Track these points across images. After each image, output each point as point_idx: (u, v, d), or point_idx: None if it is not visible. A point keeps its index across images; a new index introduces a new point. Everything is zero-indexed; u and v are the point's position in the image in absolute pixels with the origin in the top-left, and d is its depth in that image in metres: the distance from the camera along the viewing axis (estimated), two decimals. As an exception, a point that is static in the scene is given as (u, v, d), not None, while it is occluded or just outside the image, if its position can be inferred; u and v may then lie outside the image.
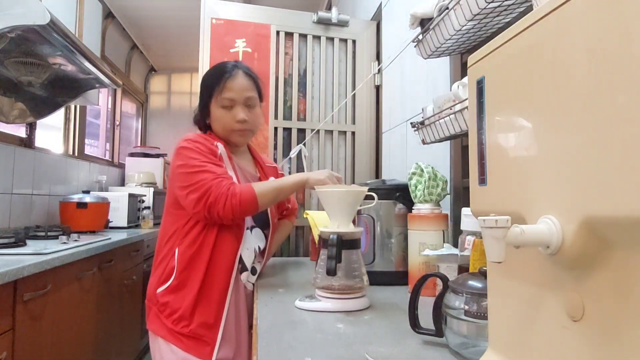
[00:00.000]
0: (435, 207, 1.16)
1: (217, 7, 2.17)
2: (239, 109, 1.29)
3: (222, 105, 1.28)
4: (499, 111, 0.51)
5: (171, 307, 1.20)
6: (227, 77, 1.28)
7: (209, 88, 1.30)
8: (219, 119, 1.30)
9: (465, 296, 0.66)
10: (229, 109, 1.29)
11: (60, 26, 1.85)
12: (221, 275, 1.21)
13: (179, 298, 1.20)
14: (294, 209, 1.61)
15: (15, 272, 1.36)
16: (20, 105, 2.36)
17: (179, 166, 1.22)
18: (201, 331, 1.18)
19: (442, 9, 1.10)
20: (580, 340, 0.40)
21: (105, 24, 3.66)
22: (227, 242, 1.23)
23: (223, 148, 1.27)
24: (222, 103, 1.28)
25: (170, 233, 1.25)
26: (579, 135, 0.38)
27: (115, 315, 2.38)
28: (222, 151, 1.27)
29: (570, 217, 0.39)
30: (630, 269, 0.35)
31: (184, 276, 1.20)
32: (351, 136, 2.35)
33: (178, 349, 1.17)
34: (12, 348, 1.40)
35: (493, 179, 0.52)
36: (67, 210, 2.55)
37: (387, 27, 2.25)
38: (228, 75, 1.28)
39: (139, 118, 5.04)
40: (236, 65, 1.32)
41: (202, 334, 1.18)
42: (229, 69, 1.30)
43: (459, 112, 1.06)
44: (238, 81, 1.29)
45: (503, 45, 0.50)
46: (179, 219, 1.24)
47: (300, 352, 0.70)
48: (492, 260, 0.42)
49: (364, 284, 1.01)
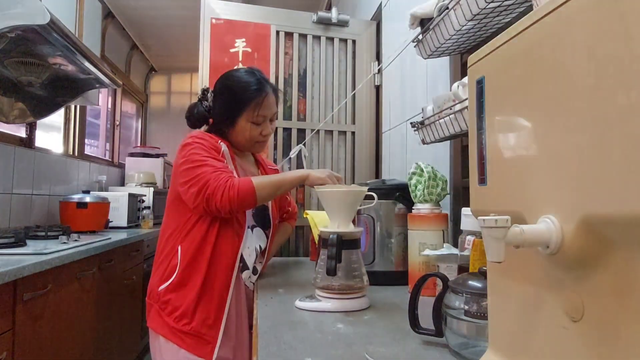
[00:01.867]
0: (435, 207, 1.16)
1: (217, 7, 2.17)
2: (267, 124, 1.33)
3: (255, 122, 1.30)
4: (499, 111, 0.51)
5: (172, 304, 1.20)
6: (264, 96, 1.29)
7: (242, 102, 1.29)
8: (245, 132, 1.30)
9: (465, 296, 0.66)
10: (257, 125, 1.31)
11: (60, 26, 1.85)
12: (222, 274, 1.22)
13: (180, 296, 1.20)
14: (293, 213, 1.62)
15: (15, 272, 1.36)
16: (20, 105, 2.36)
17: (181, 163, 1.22)
18: (202, 329, 1.18)
19: (442, 9, 1.10)
20: (580, 340, 0.40)
21: (105, 23, 3.66)
22: (228, 240, 1.23)
23: (226, 147, 1.28)
24: (256, 120, 1.30)
25: (171, 231, 1.26)
26: (579, 135, 0.38)
27: (115, 315, 2.38)
28: (225, 150, 1.27)
29: (570, 217, 0.39)
30: (630, 269, 0.35)
31: (186, 274, 1.21)
32: (351, 136, 2.35)
33: (178, 347, 1.18)
34: (12, 348, 1.40)
35: (493, 179, 0.52)
36: (67, 210, 2.55)
37: (387, 27, 2.25)
38: (264, 94, 1.29)
39: (139, 118, 5.04)
40: (266, 81, 1.34)
41: (203, 333, 1.18)
42: (262, 86, 1.30)
43: (459, 112, 1.06)
44: (271, 99, 1.32)
45: (503, 45, 0.50)
46: (181, 216, 1.25)
47: (300, 352, 0.70)
48: (492, 260, 0.42)
49: (364, 284, 1.01)
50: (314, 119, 2.30)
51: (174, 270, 1.22)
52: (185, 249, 1.22)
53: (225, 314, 1.20)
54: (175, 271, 1.22)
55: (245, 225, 1.26)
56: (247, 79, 1.32)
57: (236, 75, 1.35)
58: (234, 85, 1.32)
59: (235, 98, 1.30)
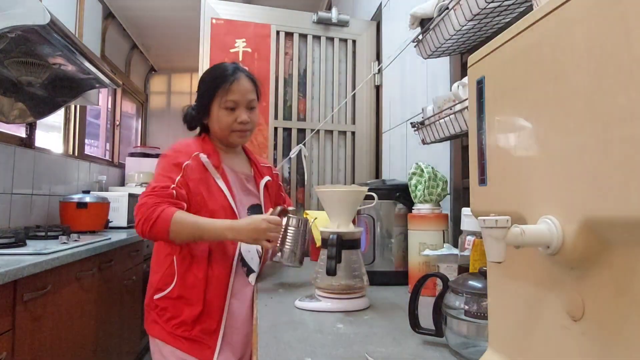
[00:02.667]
0: (435, 207, 1.16)
1: (217, 7, 2.17)
2: (242, 110, 1.31)
3: (226, 107, 1.29)
4: (499, 111, 0.51)
5: (171, 312, 1.21)
6: (232, 80, 1.29)
7: (212, 89, 1.30)
8: (220, 120, 1.30)
9: (465, 296, 0.66)
10: (231, 110, 1.30)
11: (60, 26, 1.85)
12: (220, 283, 1.22)
13: (178, 307, 1.20)
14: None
15: (15, 272, 1.36)
16: (20, 105, 2.35)
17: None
18: (202, 336, 1.19)
19: (442, 9, 1.10)
20: (580, 340, 0.40)
21: (105, 24, 3.66)
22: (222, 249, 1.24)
23: (207, 159, 1.26)
24: (226, 105, 1.29)
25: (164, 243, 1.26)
26: (579, 136, 0.38)
27: (115, 315, 2.38)
28: (205, 161, 1.25)
29: (571, 218, 0.39)
30: (630, 269, 0.35)
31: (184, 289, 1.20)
32: (351, 136, 2.35)
33: (179, 350, 1.18)
34: (12, 348, 1.40)
35: (493, 179, 0.52)
36: (67, 210, 2.54)
37: (387, 27, 2.25)
38: (233, 79, 1.29)
39: (139, 118, 5.04)
40: (238, 68, 1.34)
41: (203, 338, 1.19)
42: (232, 71, 1.32)
43: (459, 112, 1.06)
44: (242, 84, 1.31)
45: (503, 45, 0.50)
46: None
47: (300, 352, 0.70)
48: (492, 260, 0.42)
49: (364, 284, 1.01)
50: (314, 119, 2.30)
51: (171, 280, 1.22)
52: (181, 261, 1.22)
53: (223, 321, 1.21)
54: (172, 282, 1.22)
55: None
56: (218, 67, 1.36)
57: (211, 67, 1.40)
58: (206, 76, 1.37)
59: (206, 86, 1.33)
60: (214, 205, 1.24)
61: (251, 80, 1.36)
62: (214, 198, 1.24)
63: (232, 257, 1.24)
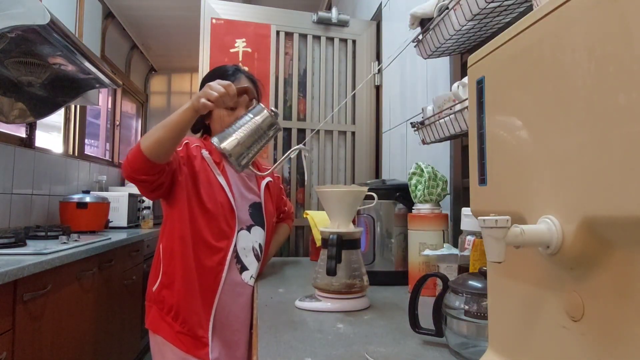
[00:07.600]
0: (435, 207, 1.16)
1: (217, 7, 2.17)
2: (242, 110, 1.32)
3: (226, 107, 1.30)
4: (499, 111, 0.51)
5: (168, 302, 1.23)
6: (233, 81, 1.30)
7: None
8: (221, 119, 1.32)
9: (465, 296, 0.66)
10: (232, 110, 1.31)
11: (60, 26, 1.85)
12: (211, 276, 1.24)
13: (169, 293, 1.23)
14: (290, 213, 1.63)
15: (15, 272, 1.36)
16: (20, 105, 2.35)
17: None
18: (198, 331, 1.20)
19: (442, 9, 1.10)
20: (580, 340, 0.40)
21: (105, 24, 3.66)
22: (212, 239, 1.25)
23: (208, 155, 1.30)
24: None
25: (160, 231, 1.31)
26: (579, 135, 0.38)
27: (115, 315, 2.38)
28: (207, 157, 1.30)
29: (570, 217, 0.39)
30: (630, 269, 0.35)
31: (170, 269, 1.24)
32: (351, 136, 2.35)
33: (178, 349, 1.19)
34: (12, 348, 1.40)
35: (493, 179, 0.52)
36: (67, 210, 2.55)
37: (387, 27, 2.25)
38: (233, 79, 1.32)
39: (139, 118, 5.04)
40: (238, 69, 1.38)
41: (200, 335, 1.20)
42: (232, 72, 1.35)
43: (459, 112, 1.06)
44: (242, 84, 1.33)
45: (503, 45, 0.50)
46: (167, 217, 1.30)
47: (300, 352, 0.70)
48: (492, 260, 0.42)
49: (364, 284, 1.01)
50: (314, 119, 2.30)
51: (166, 270, 1.25)
52: (165, 246, 1.27)
53: (212, 314, 1.22)
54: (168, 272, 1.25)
55: (235, 226, 1.28)
56: (219, 69, 1.39)
57: (212, 69, 1.42)
58: (207, 77, 1.38)
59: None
60: (213, 201, 1.26)
61: (251, 80, 1.38)
62: (214, 194, 1.26)
63: (226, 251, 1.25)
